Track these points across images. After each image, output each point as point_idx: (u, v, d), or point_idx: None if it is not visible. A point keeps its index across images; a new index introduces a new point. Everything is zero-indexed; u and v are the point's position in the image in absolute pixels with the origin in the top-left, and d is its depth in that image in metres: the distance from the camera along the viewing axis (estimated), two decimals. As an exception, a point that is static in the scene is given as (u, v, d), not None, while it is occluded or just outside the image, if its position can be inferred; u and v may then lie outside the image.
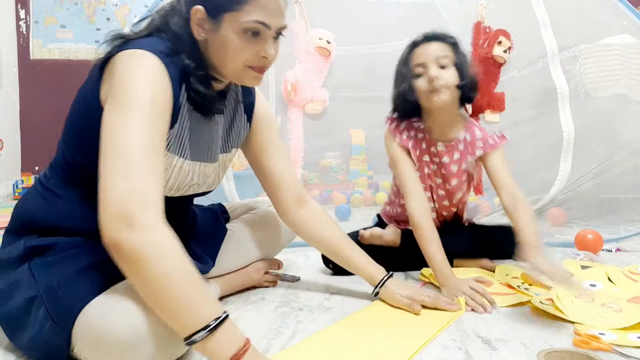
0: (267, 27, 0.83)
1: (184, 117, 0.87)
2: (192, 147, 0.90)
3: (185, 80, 0.84)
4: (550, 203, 2.15)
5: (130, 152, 0.70)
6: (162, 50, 0.81)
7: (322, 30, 1.99)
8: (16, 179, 3.59)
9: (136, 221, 0.65)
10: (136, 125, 0.72)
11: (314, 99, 1.99)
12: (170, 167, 0.87)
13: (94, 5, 3.72)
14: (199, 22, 0.84)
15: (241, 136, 1.06)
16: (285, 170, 1.11)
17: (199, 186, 0.98)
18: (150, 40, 0.83)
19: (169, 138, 0.84)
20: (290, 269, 1.47)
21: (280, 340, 0.90)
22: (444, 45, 1.27)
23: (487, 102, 1.89)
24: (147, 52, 0.78)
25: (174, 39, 0.84)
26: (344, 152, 3.17)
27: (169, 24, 0.85)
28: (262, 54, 0.85)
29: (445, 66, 1.24)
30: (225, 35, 0.83)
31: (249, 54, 0.84)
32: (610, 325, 0.94)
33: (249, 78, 0.88)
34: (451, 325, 0.98)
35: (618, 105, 2.03)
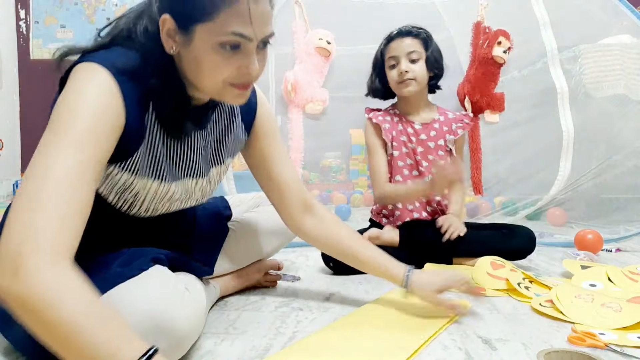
0: (248, 38, 0.72)
1: (154, 137, 0.78)
2: (170, 167, 0.83)
3: (152, 98, 0.75)
4: (550, 203, 2.15)
5: (41, 185, 0.61)
6: (121, 64, 0.71)
7: (322, 30, 1.99)
8: (16, 179, 3.59)
9: (18, 269, 0.55)
10: (59, 154, 0.63)
11: (314, 99, 1.99)
12: (144, 190, 0.81)
13: (94, 5, 3.71)
14: (169, 33, 0.73)
15: (237, 146, 1.00)
16: (289, 176, 1.03)
17: (182, 202, 0.92)
18: (111, 53, 0.74)
19: (135, 163, 0.77)
20: (290, 269, 1.47)
21: (280, 340, 0.90)
22: (416, 41, 1.47)
23: (486, 103, 1.90)
24: (98, 67, 0.69)
25: (141, 51, 0.74)
26: (344, 152, 3.17)
27: (137, 32, 0.75)
28: (243, 70, 0.74)
29: (415, 60, 1.45)
30: (198, 49, 0.71)
31: (229, 70, 0.73)
32: (610, 325, 0.94)
33: (230, 96, 0.78)
34: (451, 325, 0.98)
35: (618, 105, 2.03)
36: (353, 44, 2.17)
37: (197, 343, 0.87)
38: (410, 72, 1.45)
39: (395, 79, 1.48)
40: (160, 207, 0.87)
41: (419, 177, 1.55)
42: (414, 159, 1.55)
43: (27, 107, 3.62)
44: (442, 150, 1.55)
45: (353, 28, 2.21)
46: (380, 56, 1.52)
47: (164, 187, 0.84)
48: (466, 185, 1.64)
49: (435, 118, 1.56)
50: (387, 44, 1.50)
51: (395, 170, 1.55)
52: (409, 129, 1.54)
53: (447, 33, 2.25)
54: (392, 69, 1.49)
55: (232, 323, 1.00)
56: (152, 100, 0.76)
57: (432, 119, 1.56)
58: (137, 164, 0.77)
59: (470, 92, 1.89)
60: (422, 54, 1.47)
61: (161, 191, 0.84)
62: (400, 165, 1.54)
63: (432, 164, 1.47)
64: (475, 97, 1.89)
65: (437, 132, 1.56)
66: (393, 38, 1.49)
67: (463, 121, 1.57)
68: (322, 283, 1.32)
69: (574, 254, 1.58)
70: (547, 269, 1.47)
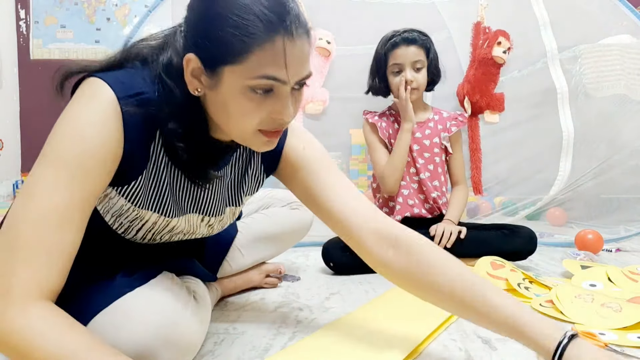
0: (282, 82, 0.64)
1: (159, 168, 0.72)
2: (175, 202, 0.77)
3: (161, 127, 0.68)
4: (550, 203, 2.15)
5: (20, 225, 0.58)
6: (131, 87, 0.66)
7: (322, 30, 1.98)
8: (16, 179, 3.59)
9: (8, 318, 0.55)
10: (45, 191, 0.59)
11: (314, 99, 1.99)
12: (142, 219, 0.77)
13: (94, 5, 3.71)
14: (194, 73, 0.65)
15: (255, 187, 0.91)
16: (345, 207, 0.82)
17: (186, 235, 0.86)
18: (125, 73, 0.68)
19: (134, 190, 0.72)
20: (290, 269, 1.47)
21: (280, 340, 0.90)
22: (420, 50, 1.51)
23: (486, 103, 1.90)
24: (105, 87, 0.64)
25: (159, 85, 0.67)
26: (344, 152, 3.17)
27: (158, 62, 0.68)
28: (276, 115, 0.66)
29: (419, 69, 1.50)
30: (226, 93, 0.64)
31: (260, 117, 0.66)
32: (610, 325, 0.94)
33: (258, 143, 0.70)
34: (451, 325, 0.98)
35: (618, 105, 2.03)
36: (353, 44, 2.16)
37: (197, 343, 0.87)
38: (415, 82, 1.50)
39: (397, 85, 1.52)
40: (158, 237, 0.83)
41: (416, 174, 1.59)
42: (410, 157, 1.58)
43: (27, 107, 3.62)
44: (438, 147, 1.59)
45: (353, 28, 2.21)
46: (384, 57, 1.54)
47: (164, 221, 0.78)
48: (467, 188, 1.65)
49: (429, 117, 1.61)
50: (392, 49, 1.52)
51: None
52: None
53: (447, 33, 2.24)
54: (395, 75, 1.52)
55: (232, 323, 1.00)
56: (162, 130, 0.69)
57: (426, 118, 1.61)
58: (137, 193, 0.72)
59: (470, 92, 1.89)
60: (425, 62, 1.52)
61: (161, 224, 0.78)
62: None
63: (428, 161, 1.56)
64: (475, 97, 1.89)
65: (432, 130, 1.60)
66: (398, 44, 1.51)
67: (457, 119, 1.62)
68: (322, 283, 1.32)
69: (574, 254, 1.58)
70: (547, 269, 1.47)
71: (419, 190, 1.58)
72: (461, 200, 1.57)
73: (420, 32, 1.54)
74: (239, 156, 0.84)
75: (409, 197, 1.57)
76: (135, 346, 0.66)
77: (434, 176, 1.59)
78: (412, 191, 1.58)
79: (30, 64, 3.65)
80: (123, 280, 0.73)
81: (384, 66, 1.54)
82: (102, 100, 0.63)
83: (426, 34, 1.55)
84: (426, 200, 1.58)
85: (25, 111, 3.64)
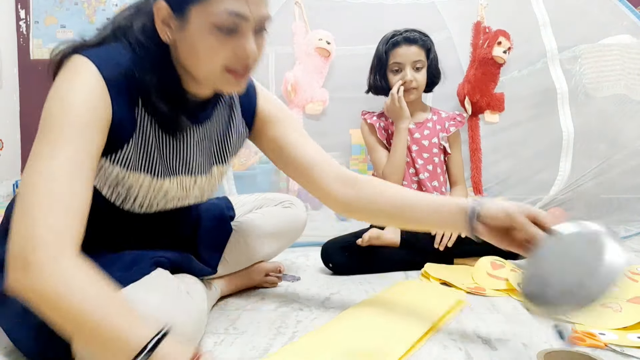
0: (244, 18, 0.71)
1: (146, 131, 0.78)
2: (164, 163, 0.83)
3: (142, 92, 0.75)
4: (550, 203, 2.15)
5: (39, 183, 0.64)
6: (110, 58, 0.72)
7: (322, 31, 1.98)
8: (16, 179, 3.59)
9: (28, 265, 0.59)
10: (53, 151, 0.65)
11: (314, 99, 1.99)
12: (137, 184, 0.81)
13: (94, 5, 3.71)
14: (164, 20, 0.73)
15: (240, 142, 1.00)
16: (314, 155, 0.97)
17: (180, 200, 0.91)
18: (103, 48, 0.75)
19: (126, 156, 0.77)
20: (290, 269, 1.47)
21: (280, 340, 0.90)
22: (421, 50, 1.52)
23: (486, 103, 1.90)
24: (86, 61, 0.71)
25: (136, 47, 0.74)
26: (344, 152, 3.17)
27: (133, 28, 0.76)
28: (240, 52, 0.72)
29: (419, 69, 1.52)
30: (194, 33, 0.71)
31: (225, 54, 0.72)
32: (610, 325, 0.94)
33: (227, 84, 0.77)
34: (451, 325, 0.98)
35: (618, 105, 2.03)
36: (353, 44, 2.16)
37: (197, 343, 0.87)
38: (415, 82, 1.51)
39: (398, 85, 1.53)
40: (155, 203, 0.87)
41: (415, 174, 1.59)
42: (409, 157, 1.59)
43: (27, 107, 3.62)
44: (436, 148, 1.60)
45: (353, 28, 2.21)
46: (385, 56, 1.54)
47: (157, 183, 0.83)
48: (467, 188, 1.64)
49: (428, 118, 1.62)
50: (393, 48, 1.52)
51: None
52: None
53: (447, 33, 2.24)
54: (395, 73, 1.53)
55: (232, 323, 1.00)
56: (143, 94, 0.75)
57: (425, 119, 1.61)
58: (129, 157, 0.77)
59: (470, 92, 1.89)
60: (425, 62, 1.53)
61: (155, 187, 0.83)
62: None
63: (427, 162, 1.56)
64: (475, 97, 1.89)
65: (431, 130, 1.60)
66: (399, 43, 1.52)
67: (456, 119, 1.62)
68: (322, 283, 1.32)
69: (574, 254, 1.57)
70: (547, 269, 1.46)
71: (418, 191, 1.58)
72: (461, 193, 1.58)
73: (422, 33, 1.55)
74: (221, 112, 0.91)
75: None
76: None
77: (433, 176, 1.59)
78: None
79: (30, 64, 3.65)
80: (119, 274, 0.73)
81: (385, 64, 1.55)
82: (85, 72, 0.70)
83: (427, 35, 1.56)
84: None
85: (25, 111, 3.63)
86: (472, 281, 1.28)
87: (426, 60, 1.54)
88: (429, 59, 1.54)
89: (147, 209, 0.86)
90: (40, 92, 2.01)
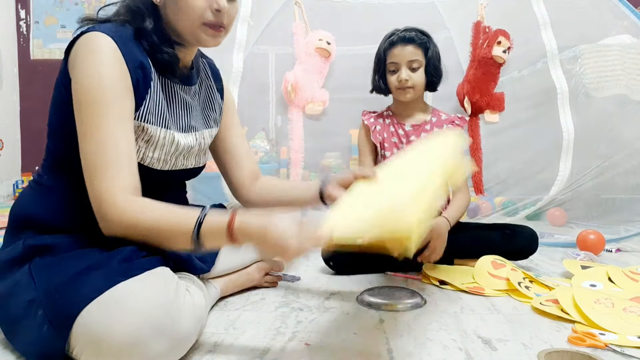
0: None
1: (156, 89, 0.91)
2: (171, 117, 0.94)
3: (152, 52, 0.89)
4: (550, 203, 2.15)
5: (90, 157, 0.80)
6: (118, 29, 0.86)
7: (322, 31, 1.98)
8: (16, 179, 3.59)
9: (102, 217, 0.80)
10: (94, 124, 0.80)
11: (314, 99, 1.99)
12: (154, 138, 0.90)
13: (94, 5, 3.71)
14: None
15: (217, 114, 1.11)
16: (245, 150, 1.18)
17: (185, 158, 1.00)
18: (110, 24, 0.88)
19: (145, 111, 0.88)
20: (290, 269, 1.47)
21: (280, 340, 0.90)
22: (417, 50, 1.50)
23: (486, 103, 1.89)
24: (99, 35, 0.83)
25: (133, 17, 0.89)
26: (344, 153, 3.17)
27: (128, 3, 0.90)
28: (214, 6, 0.88)
29: (415, 69, 1.50)
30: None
31: (202, 6, 0.87)
32: (636, 331, 0.93)
33: (206, 38, 0.91)
34: (451, 325, 0.98)
35: (618, 105, 2.03)
36: (353, 44, 2.16)
37: (197, 343, 0.87)
38: (410, 81, 1.49)
39: (395, 84, 1.51)
40: (168, 159, 0.96)
41: None
42: None
43: (27, 107, 3.62)
44: None
45: (353, 29, 2.21)
46: (383, 56, 1.54)
47: (169, 135, 0.93)
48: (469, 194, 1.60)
49: (427, 120, 1.58)
50: (390, 48, 1.52)
51: None
52: (400, 130, 1.56)
53: (447, 33, 2.24)
54: (392, 73, 1.52)
55: (232, 323, 1.00)
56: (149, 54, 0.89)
57: (423, 121, 1.57)
58: (147, 113, 0.89)
59: (470, 92, 1.89)
60: (422, 62, 1.51)
61: (168, 138, 0.93)
62: None
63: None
64: (475, 97, 1.88)
65: (429, 133, 1.57)
66: (395, 43, 1.51)
67: (454, 122, 1.58)
68: (322, 283, 1.32)
69: (574, 254, 1.58)
70: (547, 269, 1.47)
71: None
72: (460, 203, 1.49)
73: (420, 32, 1.53)
74: (201, 83, 1.07)
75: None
76: (126, 336, 0.68)
77: None
78: None
79: (31, 64, 3.65)
80: (121, 265, 0.76)
81: (384, 64, 1.55)
82: (103, 45, 0.82)
83: (427, 34, 1.54)
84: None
85: (25, 111, 3.64)
86: (472, 280, 1.28)
87: (424, 60, 1.51)
88: (427, 58, 1.53)
89: (163, 165, 0.95)
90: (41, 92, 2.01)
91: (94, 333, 0.70)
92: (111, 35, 0.83)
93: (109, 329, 0.69)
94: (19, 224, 0.88)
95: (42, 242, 0.82)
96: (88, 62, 0.82)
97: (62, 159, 0.89)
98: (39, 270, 0.78)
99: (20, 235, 0.85)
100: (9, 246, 0.86)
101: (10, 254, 0.83)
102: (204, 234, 0.77)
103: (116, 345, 0.68)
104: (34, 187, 0.91)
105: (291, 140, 2.07)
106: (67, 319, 0.71)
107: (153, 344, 0.70)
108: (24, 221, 0.87)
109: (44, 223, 0.85)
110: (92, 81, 0.81)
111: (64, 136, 0.86)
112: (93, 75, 0.81)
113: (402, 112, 1.59)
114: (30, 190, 0.91)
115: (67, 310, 0.71)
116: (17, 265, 0.81)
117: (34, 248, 0.82)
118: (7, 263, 0.83)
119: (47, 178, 0.90)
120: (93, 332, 0.70)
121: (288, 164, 2.12)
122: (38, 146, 0.70)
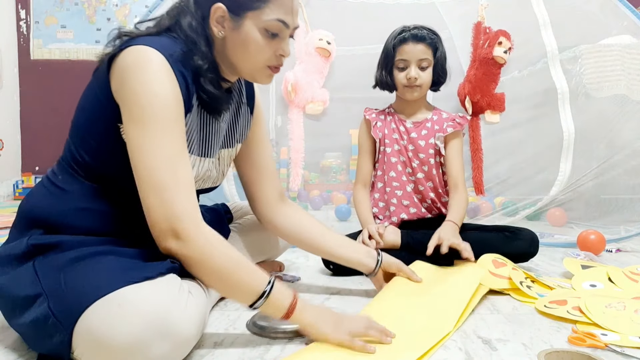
0: (287, 26, 0.88)
1: (193, 115, 0.89)
2: (198, 144, 0.93)
3: (195, 80, 0.86)
4: (550, 203, 2.15)
5: (157, 172, 0.77)
6: (169, 48, 0.82)
7: (322, 31, 1.98)
8: (16, 179, 3.59)
9: (179, 235, 0.77)
10: (157, 141, 0.78)
11: (315, 99, 1.99)
12: None
13: (95, 6, 3.71)
14: (219, 19, 0.86)
15: (245, 130, 1.08)
16: (271, 165, 1.14)
17: (203, 181, 0.99)
18: (159, 39, 0.84)
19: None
20: (290, 269, 1.47)
21: (280, 341, 0.90)
22: (427, 48, 1.49)
23: (487, 103, 1.89)
24: (150, 50, 0.79)
25: (186, 39, 0.86)
26: (344, 153, 3.18)
27: (181, 24, 0.87)
28: (280, 52, 0.90)
29: (424, 68, 1.49)
30: (247, 33, 0.86)
31: (269, 52, 0.89)
32: (637, 331, 0.92)
33: (264, 76, 0.93)
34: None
35: (618, 105, 2.03)
36: (353, 44, 2.17)
37: (198, 343, 0.87)
38: (419, 79, 1.49)
39: (402, 82, 1.51)
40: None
41: (412, 174, 1.57)
42: (406, 156, 1.57)
43: (27, 107, 3.62)
44: (432, 149, 1.55)
45: (353, 29, 2.21)
46: (392, 51, 1.53)
47: (193, 161, 0.92)
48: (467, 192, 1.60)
49: (428, 117, 1.58)
50: (400, 45, 1.50)
51: (389, 167, 1.56)
52: (401, 127, 1.57)
53: (447, 33, 2.24)
54: (400, 70, 1.51)
55: (232, 323, 1.00)
56: (194, 79, 0.85)
57: (424, 119, 1.58)
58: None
59: (471, 92, 1.89)
60: (431, 61, 1.51)
61: (191, 164, 0.91)
62: (393, 162, 1.56)
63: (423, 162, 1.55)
64: (476, 97, 1.89)
65: (429, 131, 1.57)
66: (407, 40, 1.49)
67: (455, 120, 1.57)
68: (322, 283, 1.32)
69: (574, 254, 1.58)
70: (547, 270, 1.47)
71: (415, 191, 1.57)
72: (460, 204, 1.48)
73: (431, 31, 1.51)
74: (233, 99, 1.02)
75: (403, 198, 1.56)
76: (128, 337, 0.68)
77: (429, 177, 1.57)
78: (408, 192, 1.56)
79: (31, 64, 3.66)
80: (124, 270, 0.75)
81: (392, 60, 1.53)
82: (156, 62, 0.80)
83: (436, 33, 1.52)
84: (423, 199, 1.58)
85: (25, 111, 3.64)
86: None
87: (432, 59, 1.50)
88: (436, 57, 1.52)
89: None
90: (40, 92, 2.02)
91: (96, 334, 0.69)
92: (163, 51, 0.81)
93: (111, 330, 0.68)
94: (27, 222, 0.86)
95: (47, 240, 0.81)
96: (143, 75, 0.79)
97: (86, 166, 0.86)
98: (44, 267, 0.78)
99: (26, 233, 0.84)
100: (13, 242, 0.85)
101: (12, 249, 0.83)
102: (267, 303, 0.81)
103: (118, 346, 0.68)
104: (48, 187, 0.88)
105: (291, 140, 2.07)
106: (71, 316, 0.70)
107: (155, 346, 0.69)
108: (32, 220, 0.86)
109: (53, 225, 0.84)
110: (150, 97, 0.78)
111: (97, 145, 0.85)
112: (150, 91, 0.78)
113: (405, 110, 1.59)
114: (43, 189, 0.89)
115: (72, 308, 0.70)
116: (18, 261, 0.81)
117: (37, 247, 0.81)
118: (7, 258, 0.82)
119: (61, 179, 0.88)
120: (94, 334, 0.69)
121: (288, 164, 2.13)
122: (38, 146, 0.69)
